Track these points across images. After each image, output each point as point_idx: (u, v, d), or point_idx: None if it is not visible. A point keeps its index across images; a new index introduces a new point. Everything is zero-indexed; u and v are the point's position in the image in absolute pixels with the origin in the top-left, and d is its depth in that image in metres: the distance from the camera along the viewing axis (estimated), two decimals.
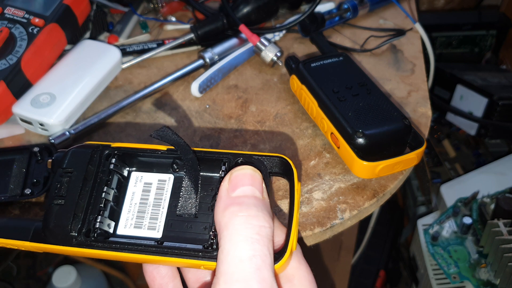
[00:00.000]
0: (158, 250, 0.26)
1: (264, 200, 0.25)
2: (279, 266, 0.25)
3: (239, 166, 0.26)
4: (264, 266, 0.23)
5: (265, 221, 0.24)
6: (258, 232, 0.23)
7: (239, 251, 0.23)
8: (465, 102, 0.88)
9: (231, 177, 0.25)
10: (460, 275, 0.67)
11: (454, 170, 0.87)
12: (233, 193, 0.25)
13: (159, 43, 0.57)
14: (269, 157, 0.28)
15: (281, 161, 0.28)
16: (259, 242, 0.23)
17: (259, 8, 0.56)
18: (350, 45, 0.58)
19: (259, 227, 0.23)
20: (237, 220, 0.23)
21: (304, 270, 0.28)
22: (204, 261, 0.25)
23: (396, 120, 0.41)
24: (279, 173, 0.29)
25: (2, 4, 0.50)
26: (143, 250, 0.26)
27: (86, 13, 0.54)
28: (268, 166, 0.28)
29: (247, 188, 0.25)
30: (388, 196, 0.42)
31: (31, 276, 0.91)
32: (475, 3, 1.06)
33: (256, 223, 0.23)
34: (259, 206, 0.24)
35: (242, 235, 0.23)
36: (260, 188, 0.25)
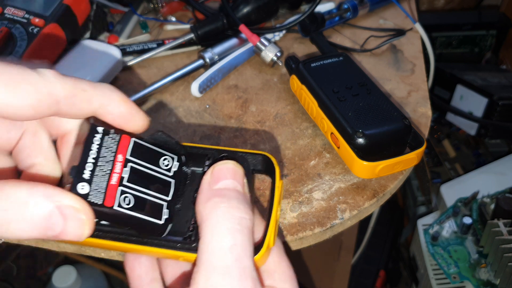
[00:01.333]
0: (138, 239, 0.26)
1: (245, 195, 0.25)
2: (257, 259, 0.25)
3: (222, 161, 0.27)
4: (244, 256, 0.23)
5: (246, 213, 0.24)
6: (239, 223, 0.23)
7: (220, 241, 0.23)
8: (465, 102, 0.88)
9: (214, 170, 0.26)
10: (460, 275, 0.67)
11: (454, 170, 0.87)
12: (215, 185, 0.25)
13: (159, 43, 0.57)
14: (253, 155, 0.29)
15: (264, 159, 0.29)
16: (240, 232, 0.23)
17: (259, 8, 0.56)
18: (350, 45, 0.58)
19: (240, 218, 0.24)
20: (218, 211, 0.24)
21: (285, 265, 0.28)
22: (182, 252, 0.26)
23: (396, 120, 0.41)
24: (262, 171, 0.29)
25: (2, 4, 0.50)
26: (124, 239, 0.26)
27: (86, 13, 0.54)
28: (251, 163, 0.29)
29: (229, 181, 0.25)
30: (388, 196, 0.42)
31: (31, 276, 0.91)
32: (475, 3, 1.06)
33: (237, 214, 0.24)
34: (240, 199, 0.25)
35: (223, 226, 0.23)
36: (241, 183, 0.26)
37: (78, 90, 0.24)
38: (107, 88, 0.25)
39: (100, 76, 0.50)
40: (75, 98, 0.24)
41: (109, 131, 0.25)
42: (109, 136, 0.25)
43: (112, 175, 0.25)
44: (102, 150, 0.25)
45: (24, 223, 0.20)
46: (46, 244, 0.39)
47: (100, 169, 0.24)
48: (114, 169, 0.25)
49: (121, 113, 0.25)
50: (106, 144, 0.25)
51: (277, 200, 0.27)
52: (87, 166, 0.24)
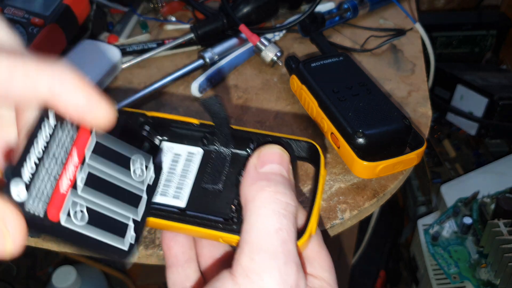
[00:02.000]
0: (180, 217, 0.26)
1: (291, 181, 0.25)
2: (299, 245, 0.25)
3: (268, 144, 0.26)
4: (289, 240, 0.23)
5: (291, 199, 0.24)
6: (285, 208, 0.23)
7: (266, 223, 0.23)
8: (465, 102, 0.88)
9: (260, 153, 0.26)
10: (460, 275, 0.67)
11: (454, 170, 0.87)
12: (261, 168, 0.25)
13: (159, 43, 0.57)
14: (298, 141, 0.29)
15: (309, 146, 0.29)
16: (285, 217, 0.23)
17: (259, 8, 0.56)
18: (350, 45, 0.58)
19: (286, 204, 0.23)
20: (264, 194, 0.23)
21: (325, 254, 0.28)
22: (223, 233, 0.25)
23: (396, 120, 0.41)
24: (306, 158, 0.29)
25: (2, 4, 0.50)
26: (166, 216, 0.26)
27: (86, 13, 0.54)
28: (295, 150, 0.29)
29: (275, 165, 0.25)
30: (388, 196, 0.42)
31: (31, 276, 0.91)
32: (475, 3, 1.06)
33: (283, 199, 0.23)
34: (286, 184, 0.24)
35: (269, 209, 0.23)
36: (287, 168, 0.25)
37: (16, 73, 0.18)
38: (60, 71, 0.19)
39: (100, 76, 0.50)
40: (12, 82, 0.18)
41: (64, 119, 0.20)
42: (63, 129, 0.20)
43: (61, 180, 0.19)
44: (51, 145, 0.19)
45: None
46: (46, 244, 0.39)
47: (46, 171, 0.19)
48: (65, 172, 0.20)
49: (77, 104, 0.19)
50: (57, 139, 0.19)
51: (320, 188, 0.27)
52: (28, 165, 0.18)
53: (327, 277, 0.27)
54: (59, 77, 0.19)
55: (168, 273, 0.29)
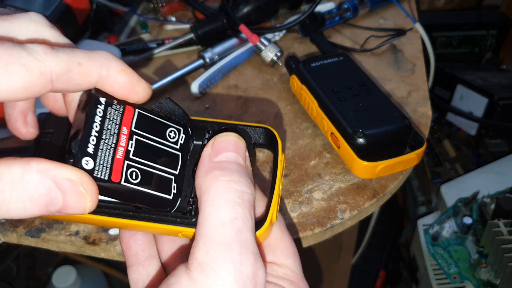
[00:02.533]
0: (136, 215, 0.25)
1: (247, 168, 0.25)
2: (259, 234, 0.25)
3: (223, 132, 0.26)
4: (245, 229, 0.22)
5: (247, 187, 0.23)
6: (240, 197, 0.23)
7: (220, 214, 0.22)
8: (465, 102, 0.88)
9: (215, 142, 0.25)
10: (460, 275, 0.67)
11: (454, 170, 0.87)
12: (215, 158, 0.24)
13: (159, 43, 0.57)
14: (255, 128, 0.28)
15: (266, 132, 0.28)
16: (241, 205, 0.22)
17: (259, 8, 0.56)
18: (350, 45, 0.58)
19: (241, 192, 0.23)
20: (219, 184, 0.23)
21: (287, 241, 0.27)
22: (182, 228, 0.25)
23: (396, 120, 0.41)
24: (264, 144, 0.28)
25: (1, 4, 0.50)
26: (121, 214, 0.25)
27: (86, 13, 0.54)
28: (252, 137, 0.28)
29: (230, 154, 0.24)
30: (388, 196, 0.42)
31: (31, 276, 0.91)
32: (475, 3, 1.06)
33: (238, 188, 0.23)
34: (242, 172, 0.24)
35: (223, 199, 0.22)
36: (243, 156, 0.25)
37: (73, 64, 0.22)
38: (105, 58, 0.23)
39: None
40: (71, 73, 0.22)
41: (112, 102, 0.24)
42: (112, 108, 0.24)
43: (118, 148, 0.23)
44: (105, 122, 0.23)
45: (22, 202, 0.19)
46: (46, 244, 0.39)
47: (104, 142, 0.23)
48: (120, 142, 0.23)
49: (122, 84, 0.24)
50: (109, 116, 0.23)
51: (279, 174, 0.27)
52: (91, 139, 0.22)
53: (291, 264, 0.26)
54: (105, 64, 0.23)
55: (129, 272, 0.29)
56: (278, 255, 0.27)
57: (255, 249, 0.22)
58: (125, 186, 0.23)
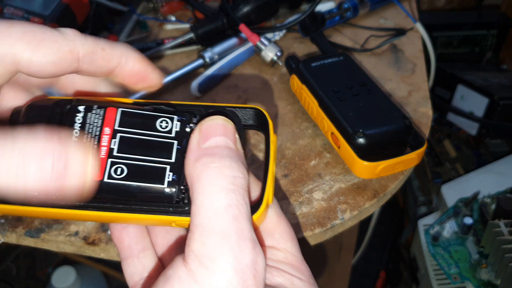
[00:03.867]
0: (126, 207, 0.24)
1: (238, 151, 0.24)
2: (255, 218, 0.24)
3: (210, 116, 0.25)
4: (241, 216, 0.21)
5: (240, 172, 0.22)
6: (233, 182, 0.22)
7: (214, 202, 0.21)
8: (466, 102, 0.88)
9: (202, 127, 0.24)
10: (461, 275, 0.67)
11: (454, 170, 0.87)
12: (204, 144, 0.23)
13: (159, 43, 0.57)
14: (243, 109, 0.27)
15: (256, 112, 0.27)
16: (234, 192, 0.22)
17: (259, 7, 0.56)
18: (351, 45, 0.58)
19: (234, 177, 0.22)
20: (209, 171, 0.22)
21: (285, 224, 0.27)
22: (175, 217, 0.24)
23: (396, 120, 0.41)
24: (254, 126, 0.28)
25: (1, 4, 0.50)
26: (110, 208, 0.24)
27: (85, 13, 0.54)
28: (242, 119, 0.27)
29: (219, 138, 0.23)
30: (388, 196, 0.42)
31: (30, 276, 0.91)
32: (475, 2, 1.06)
33: (230, 173, 0.22)
34: (233, 156, 0.23)
35: (216, 186, 0.22)
36: (233, 139, 0.24)
37: (98, 48, 0.24)
38: (125, 48, 0.25)
39: None
40: (94, 56, 0.24)
41: (92, 107, 0.25)
42: (92, 113, 0.25)
43: (100, 149, 0.24)
44: (86, 127, 0.24)
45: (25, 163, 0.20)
46: (46, 244, 0.39)
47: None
48: (102, 142, 0.24)
49: (138, 71, 0.26)
50: (90, 121, 0.24)
51: (272, 155, 0.26)
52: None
53: (290, 247, 0.26)
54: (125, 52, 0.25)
55: (124, 265, 0.28)
56: (277, 239, 0.26)
57: (253, 235, 0.22)
58: (109, 183, 0.23)
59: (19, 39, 0.22)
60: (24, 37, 0.22)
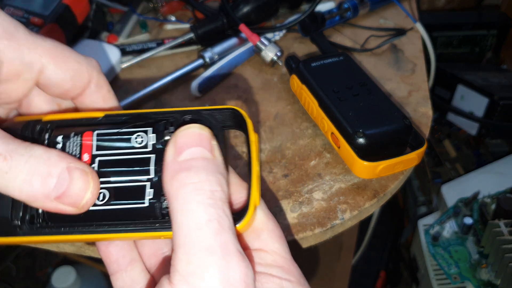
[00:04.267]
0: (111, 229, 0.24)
1: (215, 160, 0.23)
2: (244, 224, 0.24)
3: (183, 126, 0.24)
4: (223, 229, 0.21)
5: (217, 185, 0.22)
6: (211, 197, 0.21)
7: (194, 219, 0.21)
8: (466, 102, 0.88)
9: (176, 139, 0.23)
10: (461, 275, 0.67)
11: (454, 170, 0.87)
12: (179, 157, 0.22)
13: (159, 43, 0.57)
14: (220, 110, 0.26)
15: (234, 113, 0.26)
16: (213, 206, 0.21)
17: (259, 7, 0.56)
18: (351, 45, 0.58)
19: (211, 192, 0.21)
20: (186, 189, 0.21)
21: (272, 224, 0.26)
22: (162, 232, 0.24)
23: (396, 120, 0.41)
24: (233, 126, 0.27)
25: (1, 4, 0.50)
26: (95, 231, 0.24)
27: (85, 13, 0.54)
28: (220, 120, 0.26)
29: (194, 149, 0.23)
30: (388, 196, 0.42)
31: (30, 276, 0.91)
32: (475, 2, 1.06)
33: (208, 188, 0.21)
34: (209, 168, 0.22)
35: (194, 203, 0.21)
36: (209, 147, 0.23)
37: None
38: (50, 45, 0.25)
39: None
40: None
41: (69, 135, 0.25)
42: (70, 141, 0.25)
43: None
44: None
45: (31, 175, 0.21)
46: (46, 245, 0.39)
47: None
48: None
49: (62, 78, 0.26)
50: (69, 150, 0.25)
51: (254, 154, 0.25)
52: None
53: (278, 248, 0.25)
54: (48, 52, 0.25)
55: (113, 280, 0.28)
56: (265, 240, 0.25)
57: (238, 248, 0.21)
58: (93, 210, 0.23)
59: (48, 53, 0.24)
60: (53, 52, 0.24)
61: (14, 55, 0.23)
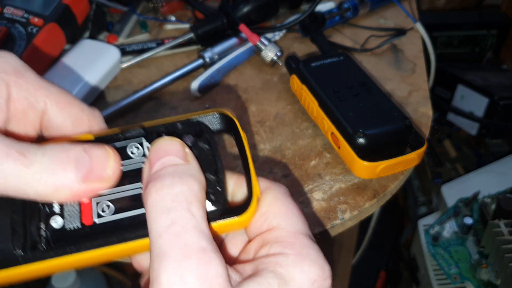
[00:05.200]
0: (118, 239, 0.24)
1: (188, 164, 0.23)
2: (249, 215, 0.24)
3: (155, 142, 0.24)
4: (185, 231, 0.21)
5: (183, 184, 0.22)
6: (173, 200, 0.21)
7: (156, 227, 0.21)
8: (466, 102, 0.88)
9: (150, 154, 0.24)
10: (461, 275, 0.67)
11: (455, 170, 0.87)
12: (152, 169, 0.23)
13: (159, 43, 0.57)
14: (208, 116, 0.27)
15: (221, 116, 0.27)
16: (176, 208, 0.21)
17: (259, 7, 0.56)
18: (351, 45, 0.58)
19: (175, 195, 0.21)
20: (151, 197, 0.22)
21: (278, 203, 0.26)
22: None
23: (396, 120, 0.41)
24: (222, 130, 0.28)
25: (1, 4, 0.50)
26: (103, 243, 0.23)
27: (85, 13, 0.54)
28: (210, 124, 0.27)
29: (164, 159, 0.23)
30: (388, 196, 0.42)
31: None
32: (476, 2, 1.06)
33: (171, 191, 0.21)
34: (177, 172, 0.22)
35: (157, 210, 0.21)
36: (180, 154, 0.23)
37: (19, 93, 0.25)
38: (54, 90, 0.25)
39: (99, 76, 0.50)
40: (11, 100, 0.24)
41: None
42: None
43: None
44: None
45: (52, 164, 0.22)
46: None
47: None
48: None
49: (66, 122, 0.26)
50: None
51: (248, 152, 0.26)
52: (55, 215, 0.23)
53: (283, 224, 0.25)
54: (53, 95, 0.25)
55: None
56: (269, 219, 0.25)
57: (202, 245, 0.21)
58: (101, 224, 0.23)
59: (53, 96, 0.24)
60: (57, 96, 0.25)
61: (21, 92, 0.24)
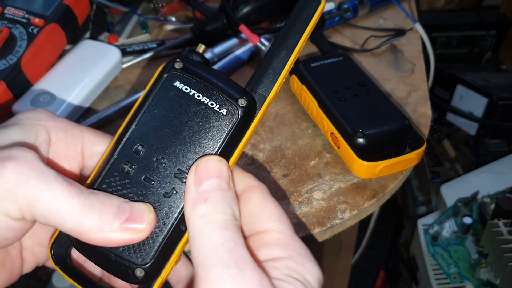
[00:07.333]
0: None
1: (230, 191, 0.25)
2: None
3: (204, 157, 0.26)
4: (237, 248, 0.23)
5: (231, 215, 0.24)
6: (226, 224, 0.24)
7: (210, 240, 0.23)
8: (465, 102, 0.88)
9: (197, 168, 0.25)
10: (460, 275, 0.67)
11: (454, 170, 0.87)
12: (199, 187, 0.25)
13: (159, 43, 0.57)
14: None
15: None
16: (228, 230, 0.24)
17: (259, 8, 0.56)
18: (350, 45, 0.58)
19: (226, 221, 0.24)
20: (204, 219, 0.24)
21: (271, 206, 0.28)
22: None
23: (396, 120, 0.41)
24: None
25: (2, 4, 0.50)
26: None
27: (86, 13, 0.54)
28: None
29: (213, 181, 0.25)
30: (388, 196, 0.42)
31: (31, 276, 0.91)
32: (475, 3, 1.06)
33: (224, 218, 0.24)
34: (225, 200, 0.25)
35: (211, 228, 0.24)
36: (226, 179, 0.25)
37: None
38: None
39: (100, 76, 0.50)
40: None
41: None
42: None
43: None
44: None
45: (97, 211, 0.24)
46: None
47: None
48: None
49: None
50: None
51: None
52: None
53: (277, 226, 0.26)
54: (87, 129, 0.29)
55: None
56: (264, 222, 0.27)
57: (252, 260, 0.23)
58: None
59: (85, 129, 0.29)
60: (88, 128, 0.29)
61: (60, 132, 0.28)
